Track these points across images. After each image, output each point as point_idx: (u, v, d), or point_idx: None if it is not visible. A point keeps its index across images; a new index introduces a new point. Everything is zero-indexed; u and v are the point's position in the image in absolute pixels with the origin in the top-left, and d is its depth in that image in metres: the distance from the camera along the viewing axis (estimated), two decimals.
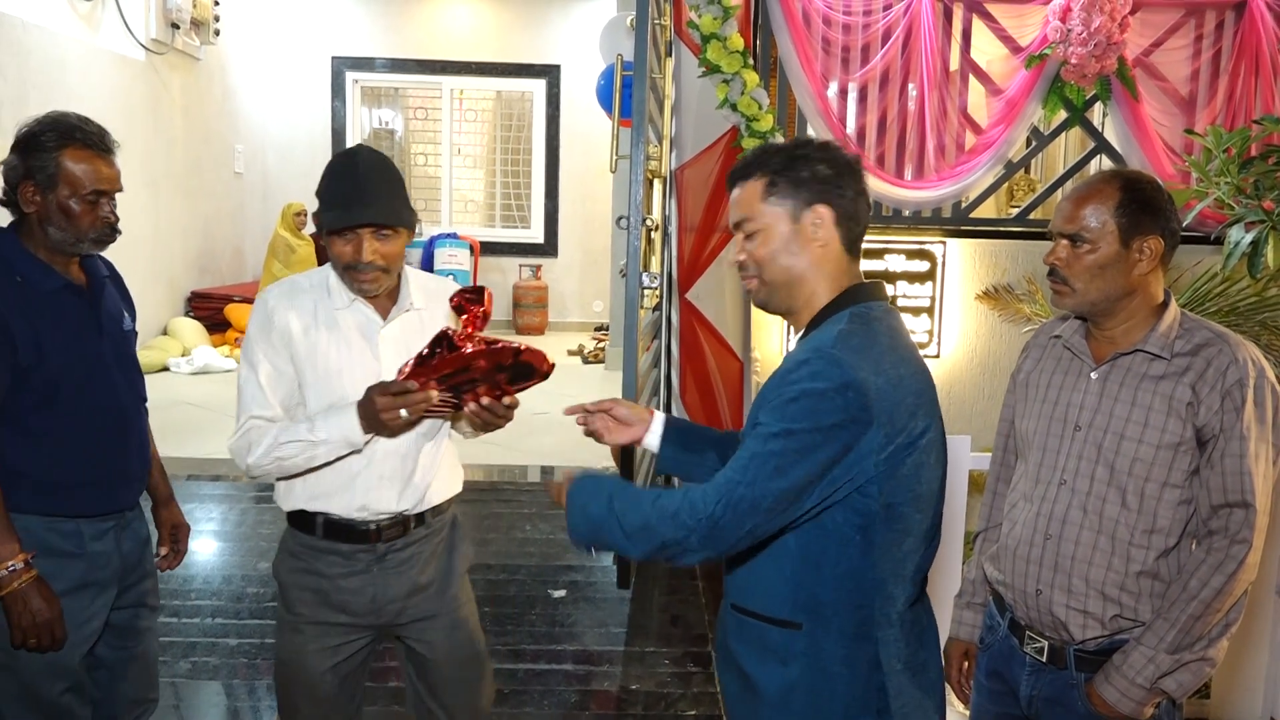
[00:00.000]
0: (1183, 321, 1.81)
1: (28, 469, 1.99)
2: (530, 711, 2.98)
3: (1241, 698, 2.96)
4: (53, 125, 1.98)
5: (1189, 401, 1.74)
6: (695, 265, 4.20)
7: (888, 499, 1.47)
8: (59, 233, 1.99)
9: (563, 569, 3.87)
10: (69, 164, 1.96)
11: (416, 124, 9.96)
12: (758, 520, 1.43)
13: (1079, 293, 1.81)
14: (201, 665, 3.20)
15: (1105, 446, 1.81)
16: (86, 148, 1.98)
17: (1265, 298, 3.99)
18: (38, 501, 2.00)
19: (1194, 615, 1.72)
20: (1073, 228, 1.80)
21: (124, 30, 7.11)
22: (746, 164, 1.58)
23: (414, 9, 9.44)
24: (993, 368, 4.76)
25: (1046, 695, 1.86)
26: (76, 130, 1.98)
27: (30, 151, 1.96)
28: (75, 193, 1.97)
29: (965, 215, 4.73)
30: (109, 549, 2.10)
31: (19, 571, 1.92)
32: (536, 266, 9.66)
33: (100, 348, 2.06)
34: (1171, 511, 1.77)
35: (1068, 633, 1.83)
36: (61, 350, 1.99)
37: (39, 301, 1.98)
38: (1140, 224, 1.77)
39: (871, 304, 1.54)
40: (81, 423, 2.03)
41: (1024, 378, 2.00)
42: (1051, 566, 1.84)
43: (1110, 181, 1.80)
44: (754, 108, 4.08)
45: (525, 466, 5.16)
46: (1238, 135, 3.38)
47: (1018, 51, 4.46)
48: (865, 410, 1.42)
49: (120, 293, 2.21)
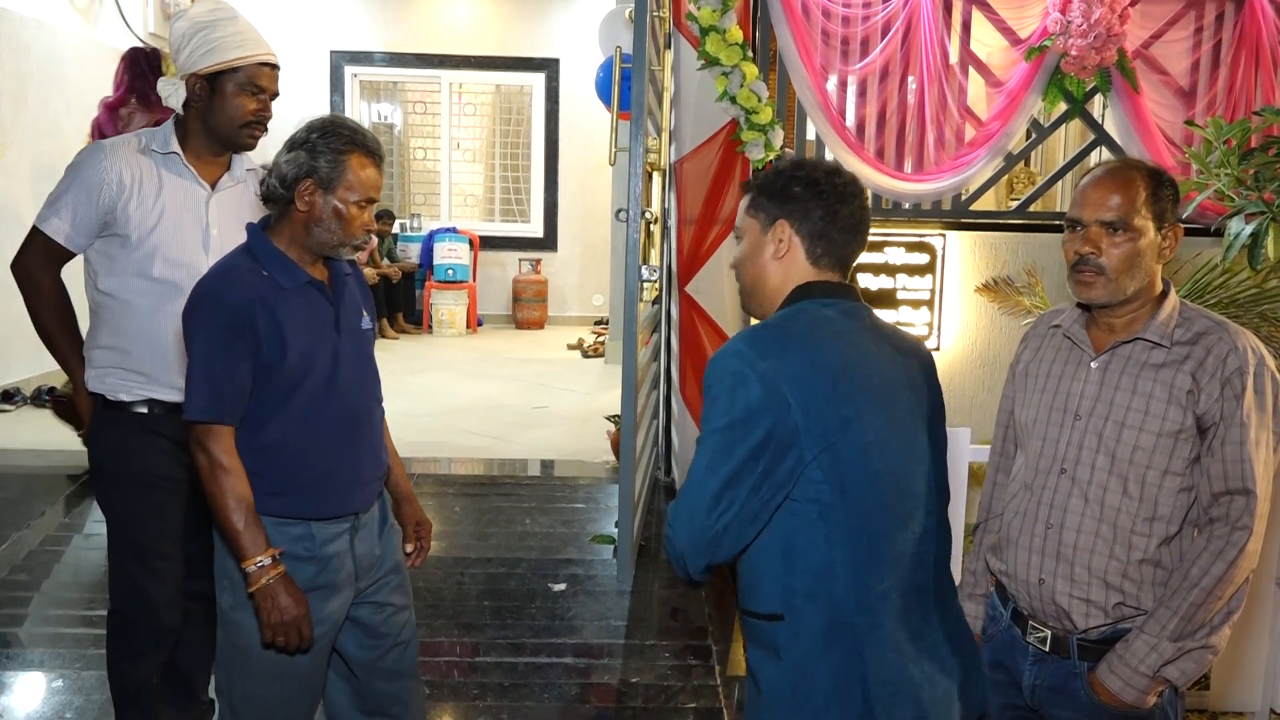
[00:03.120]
0: (1181, 310, 1.82)
1: (261, 468, 2.00)
2: (530, 705, 2.98)
3: (1242, 688, 2.96)
4: (339, 129, 1.99)
5: (1189, 389, 1.75)
6: (695, 258, 4.19)
7: (840, 483, 1.50)
8: (325, 234, 2.00)
9: (563, 562, 3.87)
10: (352, 168, 1.98)
11: (415, 118, 9.95)
12: (717, 520, 1.49)
13: (1115, 281, 1.79)
14: None
15: (1106, 435, 1.81)
16: (369, 155, 2.00)
17: (1266, 289, 3.99)
18: (268, 502, 2.01)
19: (1195, 603, 1.73)
20: (1112, 215, 1.78)
21: (122, 24, 7.10)
22: (750, 178, 1.70)
23: (413, 3, 9.42)
24: (992, 360, 4.75)
25: (1049, 685, 1.87)
26: (359, 135, 2.01)
27: (316, 151, 1.97)
28: (352, 196, 1.98)
29: (965, 208, 4.72)
30: (342, 550, 2.08)
31: (267, 568, 1.93)
32: (536, 260, 9.66)
33: (339, 345, 2.06)
34: (1172, 499, 1.78)
35: (1070, 621, 1.83)
36: (303, 347, 1.99)
37: (284, 298, 1.99)
38: (1167, 213, 1.80)
39: (813, 300, 1.60)
40: (315, 422, 2.02)
41: (1023, 368, 2.00)
42: (1054, 556, 1.85)
43: (1137, 169, 1.82)
44: (753, 100, 4.07)
45: (525, 460, 5.17)
46: (1238, 127, 3.37)
47: (1017, 44, 4.45)
48: (773, 396, 1.48)
49: (361, 290, 2.20)
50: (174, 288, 2.32)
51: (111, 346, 2.36)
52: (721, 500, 1.49)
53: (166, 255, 2.33)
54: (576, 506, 4.49)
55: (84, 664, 3.10)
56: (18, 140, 6.05)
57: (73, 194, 2.31)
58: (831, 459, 1.49)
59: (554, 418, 5.93)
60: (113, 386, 2.37)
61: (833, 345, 1.55)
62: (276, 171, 1.99)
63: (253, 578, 1.93)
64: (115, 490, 2.40)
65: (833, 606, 1.52)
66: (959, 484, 2.91)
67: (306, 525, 2.03)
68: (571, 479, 4.87)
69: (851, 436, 1.51)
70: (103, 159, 2.31)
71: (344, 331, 2.08)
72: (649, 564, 3.87)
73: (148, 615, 2.40)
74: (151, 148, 2.36)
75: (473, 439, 5.55)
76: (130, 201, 2.30)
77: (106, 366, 2.37)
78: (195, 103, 2.35)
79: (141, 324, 2.34)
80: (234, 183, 2.45)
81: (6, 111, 5.96)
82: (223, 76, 2.31)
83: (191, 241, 2.36)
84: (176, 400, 2.32)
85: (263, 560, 1.93)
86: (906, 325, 4.62)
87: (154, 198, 2.33)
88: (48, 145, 6.26)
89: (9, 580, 3.66)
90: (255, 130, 2.39)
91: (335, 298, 2.09)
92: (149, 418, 2.37)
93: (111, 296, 2.35)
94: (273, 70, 2.38)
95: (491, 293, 9.60)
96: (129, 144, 2.37)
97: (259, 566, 1.92)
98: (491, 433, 5.66)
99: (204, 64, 2.30)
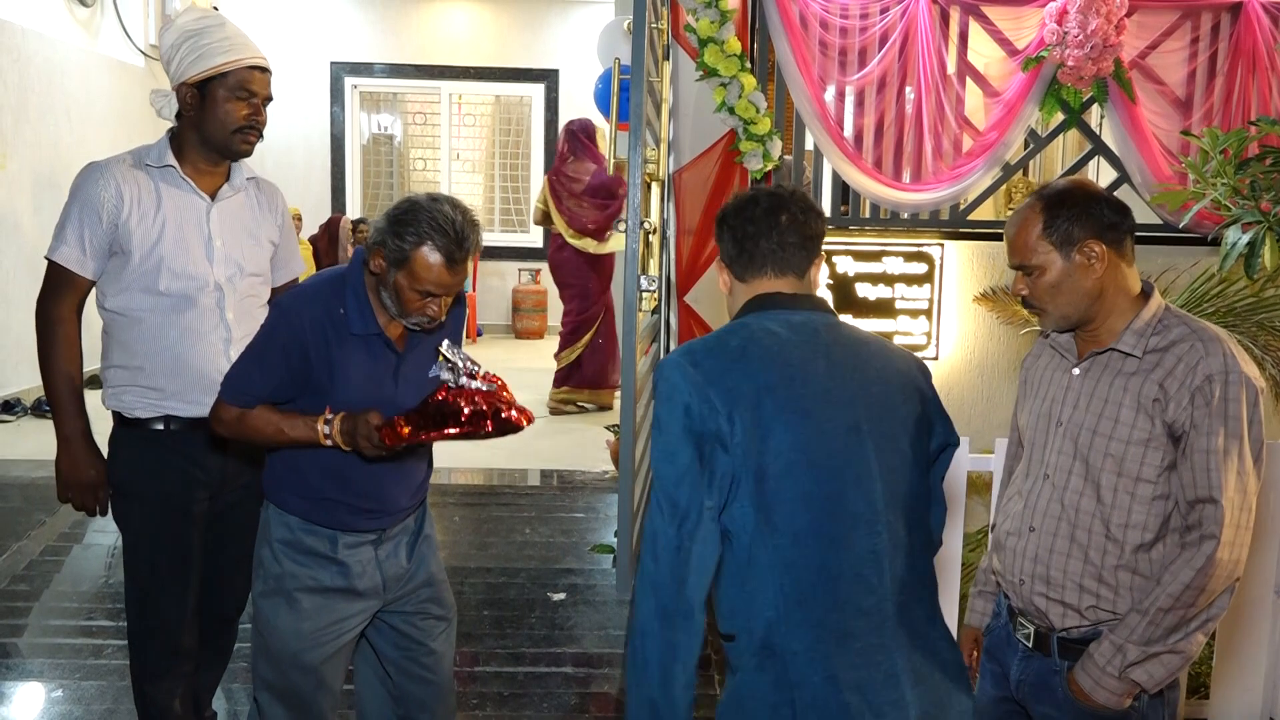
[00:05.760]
0: (1163, 317, 1.84)
1: (301, 474, 2.09)
2: (529, 714, 2.98)
3: (1241, 698, 2.96)
4: (420, 215, 1.96)
5: (1155, 398, 1.77)
6: (694, 268, 4.20)
7: (764, 504, 1.52)
8: (388, 302, 2.03)
9: (562, 572, 3.87)
10: (418, 259, 1.95)
11: (415, 129, 9.97)
12: (674, 525, 1.53)
13: (1051, 313, 1.88)
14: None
15: (1080, 442, 1.86)
16: (440, 251, 1.95)
17: (1262, 298, 4.00)
18: (299, 504, 2.10)
19: (1163, 608, 1.75)
20: (1018, 260, 1.88)
21: (123, 36, 7.13)
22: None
23: (413, 14, 9.46)
24: (990, 370, 4.76)
25: (1032, 681, 1.92)
26: (437, 233, 1.95)
27: (395, 228, 1.96)
28: (412, 285, 1.98)
29: (963, 217, 4.73)
30: (365, 559, 2.14)
31: (333, 422, 2.00)
32: (535, 271, 9.67)
33: (394, 396, 2.07)
34: (1146, 507, 1.80)
35: (1048, 621, 1.88)
36: (353, 395, 2.04)
37: (347, 339, 2.04)
38: (1070, 235, 1.81)
39: (758, 313, 1.65)
40: (358, 466, 2.07)
41: (1024, 375, 2.06)
42: (1032, 558, 1.90)
43: (1032, 206, 1.86)
44: (751, 111, 4.08)
45: (525, 470, 5.17)
46: (1234, 136, 3.38)
47: (1014, 54, 4.47)
48: (703, 405, 1.53)
49: (453, 328, 2.21)
50: (183, 300, 2.31)
51: (125, 365, 2.35)
52: (673, 500, 1.53)
53: (172, 269, 2.31)
54: (576, 516, 4.49)
55: (83, 674, 3.10)
56: (19, 152, 6.07)
57: (76, 218, 2.28)
58: (755, 479, 1.52)
59: (553, 427, 5.96)
60: (129, 404, 2.35)
61: (763, 362, 1.57)
62: (369, 236, 2.06)
63: (332, 437, 2.00)
64: (130, 509, 2.38)
65: (762, 629, 1.55)
66: (957, 493, 2.92)
67: (333, 532, 2.11)
68: (571, 489, 4.87)
69: (773, 456, 1.52)
70: (99, 178, 2.29)
71: (403, 382, 2.10)
72: None
73: (161, 637, 2.38)
74: (146, 163, 2.34)
75: (472, 449, 5.55)
76: (131, 218, 2.28)
77: (122, 385, 2.35)
78: (187, 112, 2.33)
79: (153, 340, 2.32)
80: (234, 192, 2.43)
81: (8, 124, 5.98)
82: (213, 83, 2.29)
83: (196, 254, 2.34)
84: (195, 415, 2.32)
85: (324, 427, 2.01)
86: (904, 334, 4.63)
87: (154, 212, 2.31)
88: (49, 157, 6.29)
89: (9, 590, 3.66)
90: (249, 135, 2.35)
91: (406, 349, 2.11)
92: (166, 434, 2.35)
93: (120, 314, 2.33)
94: (263, 74, 2.36)
95: (491, 303, 9.61)
96: (123, 161, 2.34)
97: (327, 428, 2.00)
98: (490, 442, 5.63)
99: (193, 71, 2.28)
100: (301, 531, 2.11)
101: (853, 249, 4.62)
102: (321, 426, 2.00)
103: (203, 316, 2.33)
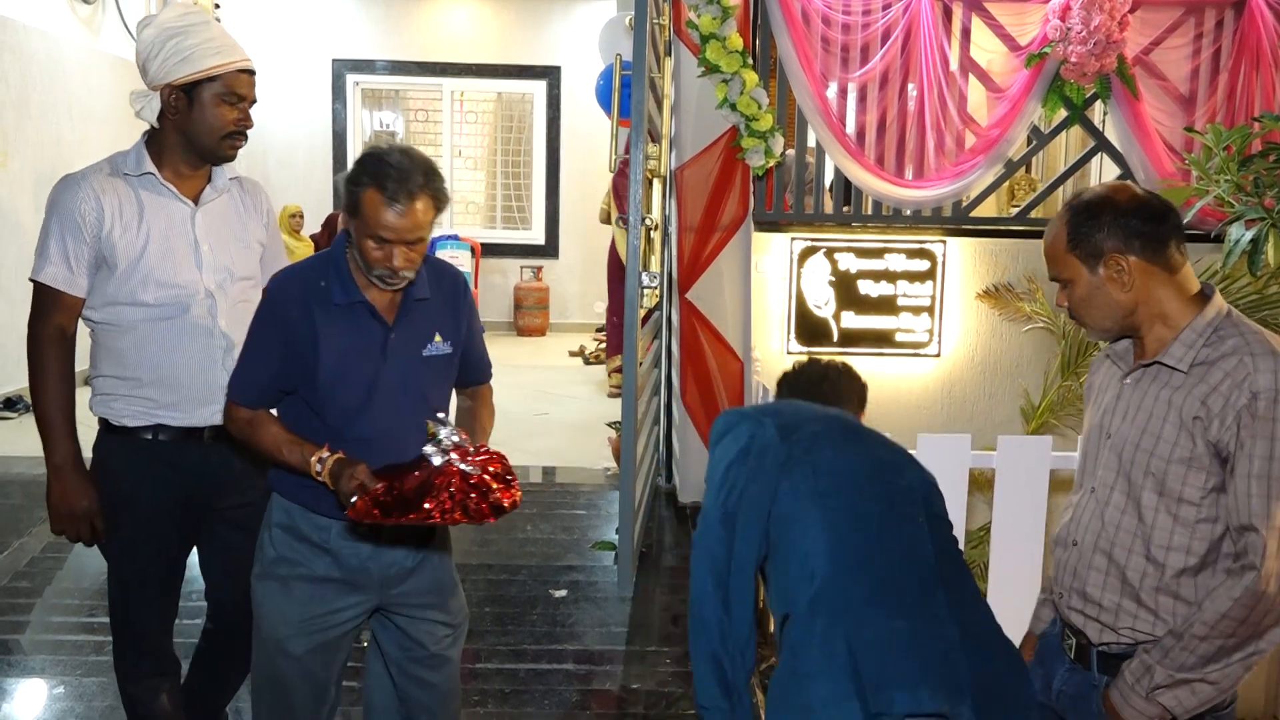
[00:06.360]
0: (1219, 325, 1.72)
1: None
2: (531, 711, 2.98)
3: (1242, 697, 2.96)
4: (365, 162, 1.94)
5: (1197, 415, 1.67)
6: (695, 265, 4.20)
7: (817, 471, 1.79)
8: (361, 261, 1.99)
9: (564, 569, 3.87)
10: (365, 204, 1.92)
11: (417, 126, 9.97)
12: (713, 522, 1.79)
13: (1089, 324, 1.84)
14: None
15: (1124, 456, 1.78)
16: (381, 191, 1.91)
17: (1266, 295, 3.99)
18: (296, 489, 2.08)
19: (1198, 635, 1.67)
20: (1052, 271, 1.85)
21: (124, 33, 7.12)
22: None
23: (414, 11, 9.44)
24: (993, 367, 4.75)
25: (1071, 692, 1.89)
26: (380, 173, 1.92)
27: (348, 181, 1.94)
28: (365, 230, 1.94)
29: (966, 214, 4.72)
30: (362, 553, 2.10)
31: (326, 460, 1.96)
32: (537, 268, 9.67)
33: (380, 369, 2.04)
34: (1189, 530, 1.70)
35: (1085, 636, 1.85)
36: (335, 363, 2.01)
37: (330, 310, 2.01)
38: (1096, 248, 1.75)
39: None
40: (340, 441, 2.02)
41: (1089, 380, 1.99)
42: (1071, 572, 1.86)
43: (1059, 220, 1.83)
44: (753, 107, 4.08)
45: (526, 467, 5.16)
46: (1238, 133, 3.37)
47: (1017, 50, 4.46)
48: (758, 422, 1.85)
49: (444, 311, 2.14)
50: (174, 309, 2.25)
51: (117, 375, 2.28)
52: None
53: (159, 279, 2.23)
54: (577, 513, 4.49)
55: (85, 671, 3.10)
56: (20, 150, 6.07)
57: (59, 233, 2.20)
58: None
59: (555, 424, 5.92)
60: (118, 411, 2.29)
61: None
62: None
63: (323, 475, 1.97)
64: (114, 516, 2.33)
65: (816, 588, 1.68)
66: (959, 491, 2.91)
67: (329, 520, 2.09)
68: (572, 485, 4.86)
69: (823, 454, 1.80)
70: (77, 190, 2.20)
71: (392, 356, 2.05)
72: (650, 571, 3.87)
73: (137, 643, 2.36)
74: (124, 171, 2.25)
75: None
76: (114, 229, 2.20)
77: (112, 393, 2.29)
78: (172, 115, 2.22)
79: (144, 351, 2.26)
80: (217, 194, 2.34)
81: (9, 121, 5.98)
82: (200, 86, 2.20)
83: (183, 261, 2.26)
84: (187, 425, 2.29)
85: (318, 465, 1.98)
86: (906, 331, 4.64)
87: (137, 222, 2.22)
88: (50, 155, 6.29)
89: (11, 587, 3.67)
90: (237, 140, 2.28)
91: (394, 321, 2.06)
92: (155, 444, 2.29)
93: (108, 325, 2.27)
94: (250, 77, 2.29)
95: (493, 300, 9.60)
96: (100, 170, 2.25)
97: (320, 464, 1.97)
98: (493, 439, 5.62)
99: (179, 74, 2.19)
100: (300, 518, 2.10)
101: (855, 246, 4.61)
102: (315, 464, 1.97)
103: (195, 325, 2.27)
